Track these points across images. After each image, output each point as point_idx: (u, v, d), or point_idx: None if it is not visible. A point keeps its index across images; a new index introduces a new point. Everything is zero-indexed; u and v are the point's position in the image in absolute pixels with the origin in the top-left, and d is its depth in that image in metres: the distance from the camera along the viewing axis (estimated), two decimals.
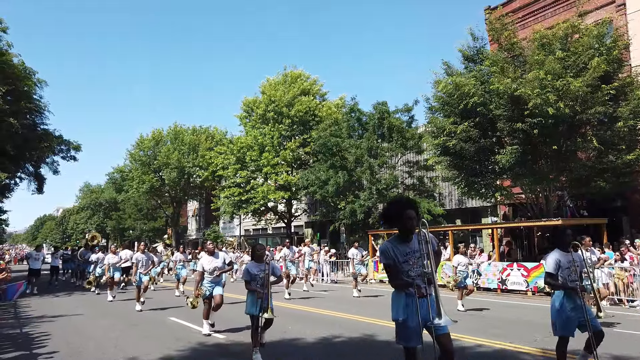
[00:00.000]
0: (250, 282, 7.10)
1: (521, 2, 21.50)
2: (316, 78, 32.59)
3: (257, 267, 7.19)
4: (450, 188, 24.24)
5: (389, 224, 4.54)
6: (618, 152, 15.13)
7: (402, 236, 4.42)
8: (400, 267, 4.35)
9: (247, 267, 7.27)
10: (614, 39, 15.32)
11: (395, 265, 4.36)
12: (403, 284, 4.34)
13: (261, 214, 33.10)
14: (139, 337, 9.21)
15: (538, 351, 7.32)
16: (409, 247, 4.39)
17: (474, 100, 15.89)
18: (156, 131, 46.11)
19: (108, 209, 65.66)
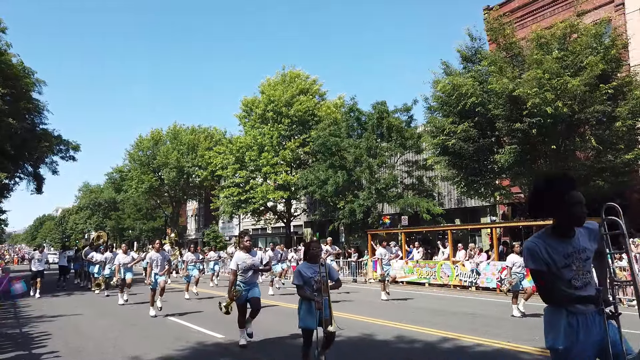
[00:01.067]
0: (303, 286, 5.87)
1: (519, 2, 21.53)
2: (315, 78, 32.64)
3: (310, 268, 5.96)
4: (450, 187, 24.26)
5: (543, 212, 3.23)
6: (617, 152, 15.16)
7: (562, 230, 3.14)
8: (559, 275, 3.02)
9: (298, 268, 6.01)
10: (612, 39, 15.35)
11: (550, 272, 3.03)
12: (565, 298, 3.00)
13: (260, 213, 33.12)
14: (138, 337, 9.22)
15: (537, 350, 7.33)
16: (571, 246, 3.09)
17: (472, 100, 15.92)
18: (155, 131, 46.16)
19: (107, 209, 65.72)
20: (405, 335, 8.68)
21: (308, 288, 5.82)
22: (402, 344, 8.06)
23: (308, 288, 5.82)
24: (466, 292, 16.63)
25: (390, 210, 26.58)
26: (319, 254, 6.13)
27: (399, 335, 8.64)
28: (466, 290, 16.98)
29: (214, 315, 11.35)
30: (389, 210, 26.77)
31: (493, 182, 18.43)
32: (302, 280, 5.88)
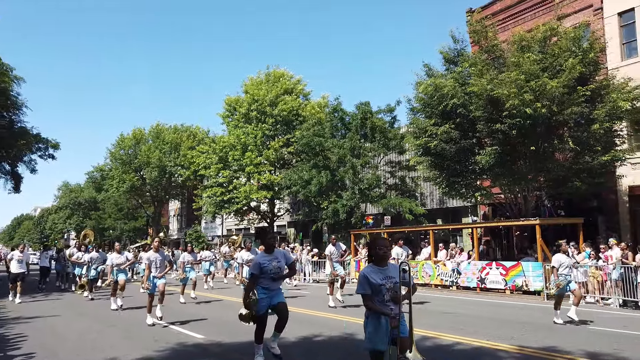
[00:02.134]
0: (372, 296, 4.47)
1: (502, 5, 21.80)
2: (299, 78, 32.63)
3: (379, 272, 4.51)
4: (432, 188, 24.47)
5: None
6: (594, 154, 15.45)
7: None
8: None
9: (364, 273, 4.54)
10: (590, 42, 15.65)
11: None
12: None
13: (243, 213, 32.98)
14: (117, 338, 9.10)
15: (515, 348, 7.46)
16: None
17: (453, 101, 16.10)
18: (137, 130, 45.64)
19: (87, 209, 64.76)
20: None
21: (378, 298, 4.50)
22: None
23: (378, 298, 4.50)
24: (447, 292, 16.79)
25: (374, 210, 26.70)
26: (388, 255, 4.78)
27: None
28: (447, 289, 17.14)
29: (195, 316, 11.29)
30: (372, 211, 26.89)
31: (474, 183, 18.65)
32: (370, 288, 4.49)
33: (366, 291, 4.49)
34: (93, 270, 15.86)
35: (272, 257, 6.50)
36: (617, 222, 17.66)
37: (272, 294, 6.48)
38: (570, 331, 9.05)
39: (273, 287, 6.51)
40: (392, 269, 4.56)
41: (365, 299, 4.52)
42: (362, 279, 4.55)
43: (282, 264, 6.54)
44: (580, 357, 6.91)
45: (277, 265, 6.48)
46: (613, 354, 7.07)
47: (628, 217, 17.55)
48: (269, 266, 6.42)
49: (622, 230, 17.27)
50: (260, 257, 6.57)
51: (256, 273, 6.41)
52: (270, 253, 6.56)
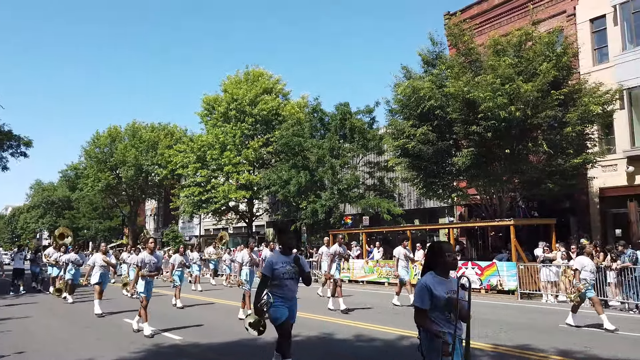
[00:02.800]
0: (433, 311, 3.70)
1: (478, 9, 22.16)
2: (279, 77, 32.60)
3: (442, 284, 3.76)
4: (409, 189, 24.72)
5: None
6: (566, 156, 15.84)
7: None
8: None
9: (426, 284, 3.73)
10: (564, 47, 16.05)
11: None
12: None
13: (222, 213, 32.74)
14: (92, 339, 8.95)
15: (489, 346, 7.60)
16: None
17: (430, 103, 16.31)
18: (113, 128, 44.85)
19: (61, 208, 63.36)
20: (364, 334, 8.80)
21: (439, 316, 3.70)
22: (360, 343, 8.17)
23: (439, 316, 3.70)
24: None
25: (352, 210, 26.83)
26: (456, 262, 3.98)
27: (357, 334, 8.75)
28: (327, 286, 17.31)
29: (172, 317, 11.17)
30: (351, 211, 27.02)
31: (451, 184, 18.91)
32: (431, 299, 3.68)
33: (424, 305, 3.70)
34: (70, 272, 15.05)
35: (288, 260, 5.52)
36: (588, 222, 18.14)
37: (290, 304, 5.49)
38: (544, 330, 9.27)
39: (289, 296, 5.46)
40: (454, 282, 3.78)
41: (421, 314, 3.72)
42: (423, 290, 3.71)
43: (297, 268, 5.54)
44: (552, 354, 7.09)
45: (293, 270, 5.47)
46: (584, 352, 7.27)
47: (599, 218, 18.05)
48: (282, 269, 5.41)
49: (592, 231, 17.75)
50: (274, 257, 5.56)
51: (267, 274, 5.40)
52: (287, 254, 5.60)
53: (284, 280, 5.42)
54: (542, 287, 14.31)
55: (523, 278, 14.60)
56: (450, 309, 3.67)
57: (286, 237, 5.90)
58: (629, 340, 8.33)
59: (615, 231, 17.67)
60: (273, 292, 5.41)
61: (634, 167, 16.75)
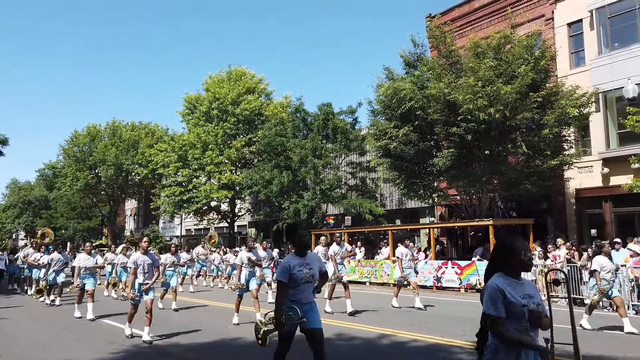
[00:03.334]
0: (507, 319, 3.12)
1: (460, 12, 22.45)
2: (262, 77, 32.54)
3: (517, 287, 3.20)
4: (391, 189, 24.91)
5: None
6: (544, 158, 16.16)
7: None
8: None
9: (497, 286, 3.18)
10: (542, 50, 16.37)
11: None
12: None
13: (203, 213, 32.52)
14: (69, 340, 8.83)
15: (468, 344, 7.73)
16: None
17: (411, 104, 16.47)
18: (92, 126, 44.17)
19: (38, 207, 62.08)
20: (344, 332, 8.86)
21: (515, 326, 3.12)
22: (341, 342, 8.23)
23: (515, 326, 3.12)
24: (405, 290, 17.12)
25: (334, 210, 26.92)
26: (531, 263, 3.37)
27: (338, 333, 8.81)
28: (405, 288, 17.48)
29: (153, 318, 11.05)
30: (333, 211, 27.10)
31: (431, 184, 19.12)
32: (506, 307, 3.11)
33: (500, 313, 3.08)
34: (53, 273, 13.97)
35: (304, 262, 5.00)
36: (565, 223, 18.53)
37: (305, 310, 4.86)
38: None
39: (304, 300, 4.93)
40: (529, 285, 3.30)
41: (497, 324, 3.09)
42: (495, 294, 3.13)
43: (315, 272, 5.02)
44: None
45: (311, 273, 4.98)
46: (560, 348, 7.30)
47: (574, 218, 18.45)
48: (300, 273, 4.90)
49: (569, 231, 18.14)
50: (290, 260, 5.00)
51: (284, 281, 4.84)
52: (302, 256, 5.07)
53: (301, 285, 4.92)
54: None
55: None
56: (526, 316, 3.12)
57: (299, 236, 5.30)
58: (604, 336, 8.55)
59: (590, 231, 18.08)
60: (292, 299, 4.88)
61: (609, 169, 17.17)
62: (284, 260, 5.03)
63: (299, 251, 5.11)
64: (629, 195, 15.32)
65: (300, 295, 4.90)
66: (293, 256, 5.07)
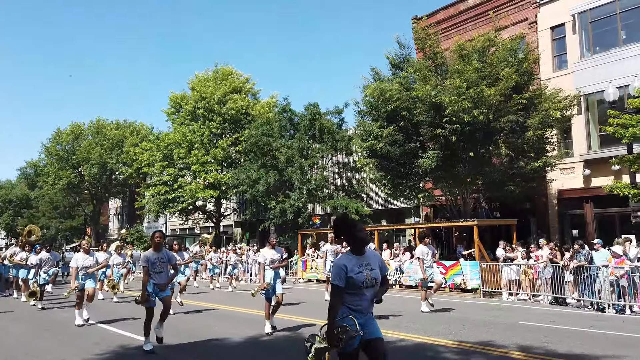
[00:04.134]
0: None
1: (445, 14, 22.67)
2: (248, 76, 32.47)
3: None
4: (377, 189, 25.05)
5: None
6: (527, 159, 16.43)
7: None
8: None
9: None
10: (525, 53, 16.63)
11: None
12: None
13: (189, 213, 32.33)
14: (54, 342, 8.73)
15: (453, 343, 7.85)
16: None
17: (397, 105, 16.61)
18: (75, 125, 43.60)
19: (19, 207, 61.02)
20: None
21: None
22: None
23: None
24: (390, 290, 17.24)
25: (321, 210, 26.99)
26: None
27: None
28: (390, 288, 17.63)
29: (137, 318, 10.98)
30: (319, 211, 27.16)
31: (417, 185, 19.29)
32: None
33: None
34: (43, 274, 13.15)
35: (363, 261, 4.06)
36: (547, 223, 18.84)
37: (364, 320, 4.00)
38: (505, 327, 9.61)
39: (365, 309, 4.03)
40: None
41: None
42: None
43: (377, 273, 4.08)
44: (513, 350, 7.38)
45: (372, 275, 4.02)
46: (542, 347, 7.60)
47: (557, 219, 18.78)
48: (360, 276, 3.97)
49: (551, 231, 18.45)
50: (346, 260, 4.05)
51: (341, 285, 3.93)
52: (360, 254, 4.10)
53: (362, 290, 3.99)
54: (503, 286, 14.79)
55: (485, 277, 15.06)
56: None
57: (354, 230, 4.14)
58: (585, 335, 8.74)
59: (572, 231, 18.42)
60: (345, 304, 3.98)
61: (590, 170, 17.51)
62: (339, 261, 4.11)
63: (356, 249, 4.13)
64: (609, 197, 15.63)
65: (360, 303, 4.00)
66: (348, 255, 4.12)
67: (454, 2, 22.43)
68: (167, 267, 7.78)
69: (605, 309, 11.86)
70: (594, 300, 12.24)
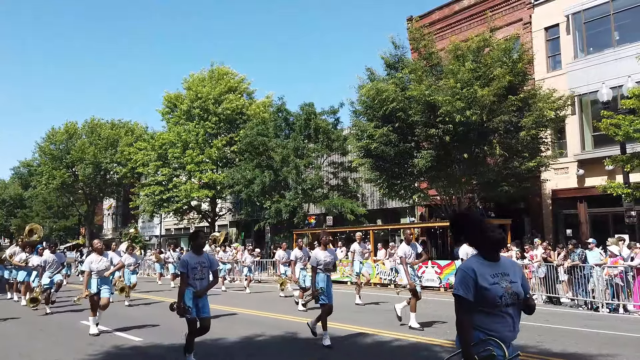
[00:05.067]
0: None
1: (440, 15, 22.73)
2: (244, 76, 32.41)
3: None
4: (372, 189, 25.08)
5: None
6: (521, 159, 16.50)
7: None
8: None
9: None
10: (520, 54, 16.69)
11: None
12: None
13: (183, 213, 32.24)
14: (47, 343, 8.67)
15: (449, 343, 7.85)
16: None
17: (393, 105, 16.63)
18: (70, 124, 43.35)
19: (12, 206, 60.66)
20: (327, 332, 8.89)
21: None
22: None
23: None
24: (385, 290, 17.29)
25: (316, 210, 26.98)
26: None
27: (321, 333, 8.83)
28: (386, 287, 17.65)
29: (131, 318, 10.94)
30: (315, 211, 27.15)
31: (412, 185, 19.33)
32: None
33: None
34: (47, 278, 12.07)
35: (498, 270, 3.03)
36: (541, 223, 18.94)
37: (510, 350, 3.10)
38: None
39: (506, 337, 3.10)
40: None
41: None
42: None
43: (519, 287, 3.07)
44: None
45: (514, 290, 3.03)
46: (536, 346, 7.62)
47: (551, 218, 18.87)
48: (496, 288, 2.96)
49: (545, 231, 18.54)
50: (475, 263, 3.05)
51: (469, 298, 2.97)
52: (494, 261, 3.07)
53: (502, 309, 3.00)
54: None
55: None
56: None
57: (488, 231, 3.08)
58: (579, 334, 8.78)
59: (566, 231, 18.52)
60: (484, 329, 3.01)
61: (584, 170, 17.61)
62: (465, 266, 3.06)
63: (488, 253, 3.09)
64: (603, 197, 15.73)
65: (500, 325, 3.00)
66: (478, 258, 3.09)
67: (449, 2, 22.49)
68: (209, 273, 6.53)
69: (599, 308, 11.93)
70: (588, 300, 12.31)
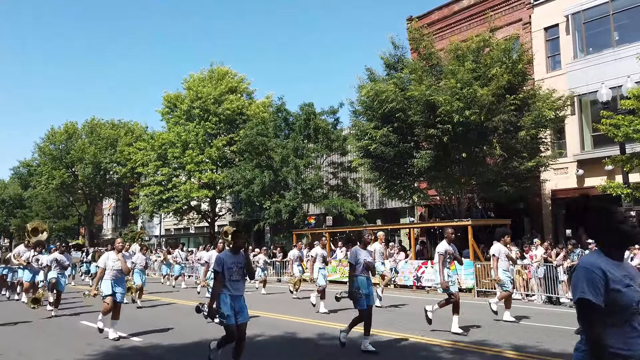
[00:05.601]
0: None
1: (439, 15, 22.73)
2: (244, 76, 32.41)
3: None
4: (372, 189, 25.08)
5: None
6: (521, 159, 16.50)
7: None
8: None
9: None
10: (519, 54, 16.70)
11: None
12: None
13: (183, 213, 32.24)
14: (47, 343, 8.68)
15: (448, 343, 7.87)
16: None
17: (392, 105, 16.63)
18: (70, 124, 43.33)
19: (12, 206, 60.61)
20: (327, 332, 8.92)
21: None
22: (323, 341, 8.28)
23: None
24: (385, 290, 17.28)
25: (316, 210, 26.97)
26: None
27: (321, 333, 8.86)
28: (385, 287, 17.63)
29: (130, 318, 10.94)
30: (314, 211, 27.15)
31: (412, 185, 19.33)
32: None
33: None
34: (52, 277, 11.78)
35: (623, 272, 2.57)
36: (541, 223, 18.94)
37: None
38: (499, 326, 9.65)
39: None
40: None
41: None
42: None
43: None
44: (507, 349, 7.41)
45: None
46: (535, 346, 7.63)
47: (550, 218, 18.87)
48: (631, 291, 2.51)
49: (545, 231, 18.55)
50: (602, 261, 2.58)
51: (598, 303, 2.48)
52: (620, 260, 2.64)
53: (633, 317, 2.51)
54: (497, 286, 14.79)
55: (480, 276, 15.11)
56: None
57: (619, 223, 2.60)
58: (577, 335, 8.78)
59: (565, 231, 18.51)
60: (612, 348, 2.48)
61: (584, 170, 17.62)
62: (590, 264, 2.57)
63: (616, 250, 2.64)
64: (602, 197, 15.71)
65: (634, 340, 2.50)
66: (600, 256, 2.61)
67: (449, 2, 22.50)
68: (244, 273, 6.09)
69: None
70: None
